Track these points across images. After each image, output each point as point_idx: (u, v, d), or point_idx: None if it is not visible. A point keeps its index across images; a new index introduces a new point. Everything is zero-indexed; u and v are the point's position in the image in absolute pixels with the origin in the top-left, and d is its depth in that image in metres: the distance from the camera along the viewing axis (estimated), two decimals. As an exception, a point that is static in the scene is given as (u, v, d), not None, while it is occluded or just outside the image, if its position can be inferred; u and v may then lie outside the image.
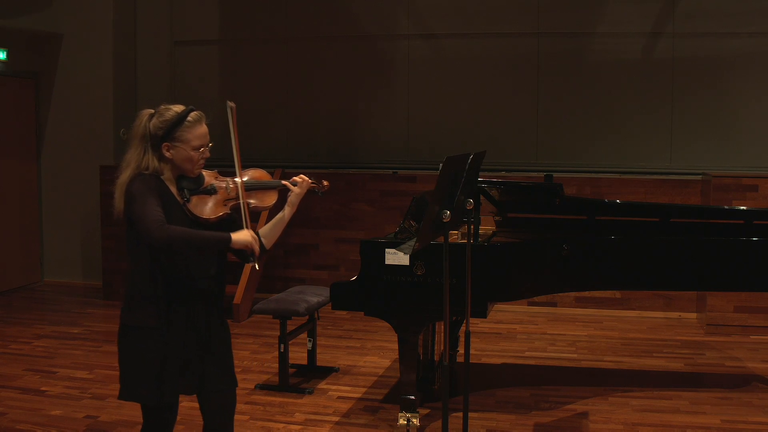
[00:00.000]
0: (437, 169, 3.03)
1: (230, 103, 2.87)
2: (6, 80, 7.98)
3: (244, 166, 2.92)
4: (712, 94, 7.18)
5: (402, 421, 4.04)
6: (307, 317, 5.19)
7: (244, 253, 2.78)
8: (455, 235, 4.56)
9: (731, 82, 7.13)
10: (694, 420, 4.42)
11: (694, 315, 6.90)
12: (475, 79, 7.67)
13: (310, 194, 3.09)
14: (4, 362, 5.59)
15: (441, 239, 3.29)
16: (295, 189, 2.99)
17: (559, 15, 7.46)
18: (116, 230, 7.59)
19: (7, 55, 7.86)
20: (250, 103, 8.09)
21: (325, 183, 3.11)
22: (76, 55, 8.21)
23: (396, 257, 4.02)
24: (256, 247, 2.77)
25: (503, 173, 7.20)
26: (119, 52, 8.28)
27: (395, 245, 3.99)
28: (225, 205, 2.84)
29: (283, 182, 2.99)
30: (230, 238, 2.72)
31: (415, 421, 4.04)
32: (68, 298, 7.83)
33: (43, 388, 5.01)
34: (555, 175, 6.40)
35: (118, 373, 2.85)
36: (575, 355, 5.81)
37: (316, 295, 5.26)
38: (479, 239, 4.45)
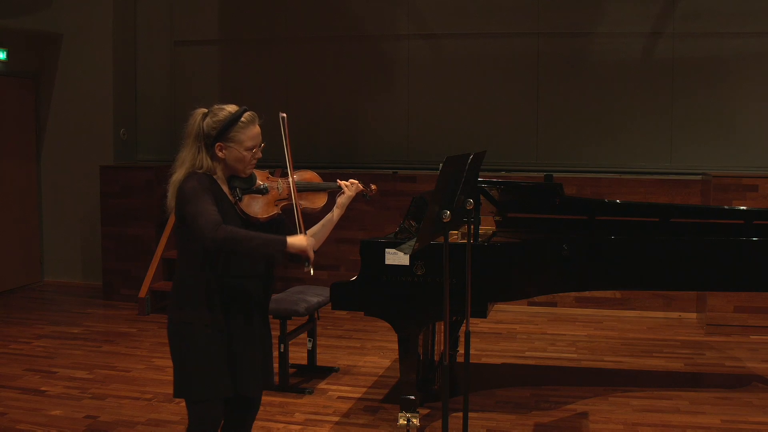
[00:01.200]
0: (437, 169, 3.03)
1: (282, 114, 2.94)
2: (6, 80, 7.98)
3: (298, 169, 2.96)
4: (712, 94, 7.18)
5: (402, 421, 4.04)
6: (307, 317, 5.19)
7: (299, 257, 2.78)
8: (455, 235, 4.56)
9: (731, 82, 7.13)
10: (694, 420, 4.42)
11: (694, 315, 6.90)
12: (475, 79, 7.68)
13: (359, 197, 3.13)
14: (4, 362, 5.59)
15: (441, 239, 3.29)
16: (346, 192, 3.05)
17: (559, 15, 7.46)
18: (116, 230, 7.61)
19: (7, 55, 7.87)
20: (250, 103, 8.08)
21: (373, 187, 3.18)
22: (76, 55, 8.21)
23: (396, 257, 4.02)
24: (311, 253, 2.77)
25: (503, 173, 7.20)
26: (119, 52, 8.28)
27: (395, 245, 3.99)
28: (276, 205, 2.87)
29: (335, 184, 3.04)
30: (286, 241, 2.71)
31: (415, 421, 4.04)
32: (68, 298, 7.83)
33: (43, 388, 5.01)
34: (555, 175, 6.41)
35: (118, 373, 2.86)
36: (575, 355, 5.81)
37: (316, 295, 5.26)
38: (479, 239, 4.45)
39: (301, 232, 2.81)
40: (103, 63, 8.17)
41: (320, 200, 3.00)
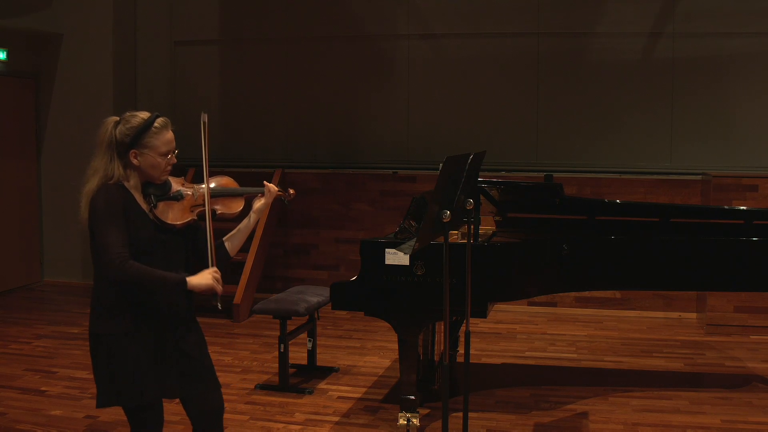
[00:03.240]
0: (437, 169, 3.03)
1: (203, 115, 2.88)
2: (6, 80, 7.97)
3: (217, 172, 2.94)
4: (711, 94, 7.18)
5: (402, 421, 4.04)
6: (307, 317, 5.19)
7: (206, 294, 2.78)
8: (455, 235, 4.56)
9: (731, 82, 7.13)
10: (694, 420, 4.42)
11: (694, 315, 6.90)
12: (475, 79, 7.68)
13: (277, 202, 3.11)
14: (4, 362, 5.59)
15: (441, 239, 3.29)
16: (261, 198, 3.01)
17: (559, 15, 7.46)
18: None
19: (7, 55, 7.87)
20: (250, 103, 8.10)
21: (291, 191, 3.15)
22: (76, 55, 8.21)
23: (396, 257, 4.02)
24: (219, 288, 2.76)
25: (503, 173, 7.20)
26: (119, 52, 8.28)
27: (395, 245, 3.99)
28: (192, 211, 2.85)
29: (251, 190, 3.00)
30: (185, 281, 2.72)
31: (415, 421, 4.04)
32: (68, 298, 7.82)
33: (43, 388, 5.01)
34: (555, 175, 6.40)
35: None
36: (575, 355, 5.81)
37: (316, 295, 5.26)
38: (479, 239, 4.45)
39: (211, 264, 2.78)
40: (103, 63, 8.17)
41: (236, 205, 2.96)
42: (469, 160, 3.38)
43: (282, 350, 4.95)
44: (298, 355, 5.59)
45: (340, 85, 8.03)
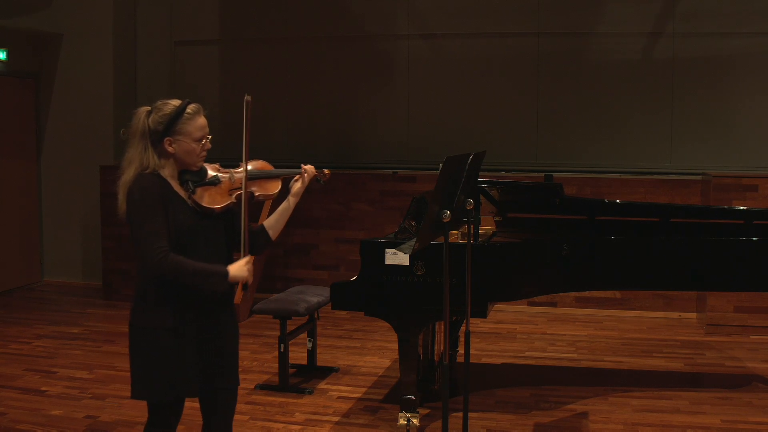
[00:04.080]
0: (437, 169, 3.03)
1: (247, 97, 2.89)
2: (6, 80, 7.97)
3: (249, 159, 2.95)
4: (712, 95, 7.18)
5: (402, 421, 4.04)
6: (307, 317, 5.19)
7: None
8: (455, 235, 4.56)
9: (731, 82, 7.13)
10: (694, 420, 4.42)
11: (694, 315, 6.90)
12: (475, 79, 7.68)
13: (312, 183, 3.12)
14: (4, 362, 5.59)
15: (441, 239, 3.29)
16: (298, 179, 3.02)
17: (559, 15, 7.46)
18: (116, 230, 7.61)
19: (7, 55, 7.86)
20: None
21: (326, 171, 3.15)
22: (76, 55, 8.21)
23: (396, 257, 4.02)
24: (250, 278, 2.80)
25: (503, 173, 7.20)
26: (119, 52, 8.28)
27: (395, 245, 4.00)
28: (230, 194, 2.86)
29: (288, 171, 3.01)
30: (227, 273, 2.74)
31: (415, 421, 4.04)
32: (68, 298, 7.83)
33: (43, 388, 5.01)
34: (555, 175, 6.40)
35: (118, 373, 2.87)
36: (575, 355, 5.81)
37: (316, 295, 5.26)
38: (479, 239, 4.45)
39: (244, 252, 2.80)
40: (103, 63, 8.17)
41: (273, 187, 2.97)
42: (469, 160, 3.38)
43: (282, 350, 4.95)
44: (298, 355, 5.59)
45: (340, 85, 8.03)
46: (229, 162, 3.01)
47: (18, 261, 8.19)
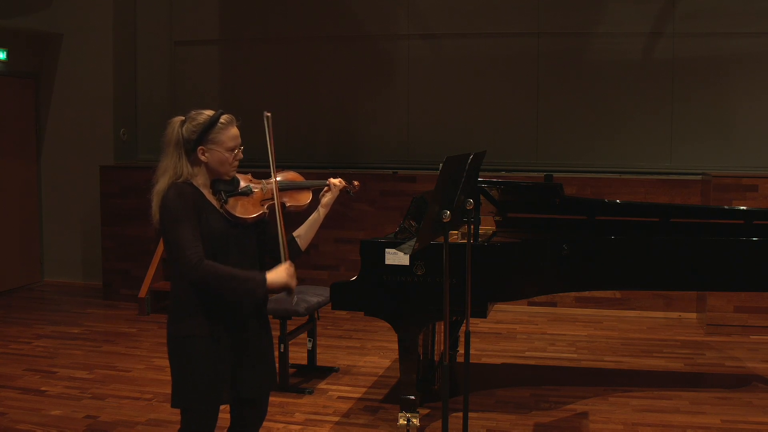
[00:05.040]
0: (437, 169, 3.03)
1: (267, 113, 2.97)
2: (6, 80, 7.98)
3: (280, 170, 2.99)
4: (712, 95, 7.18)
5: (402, 421, 4.04)
6: (307, 317, 5.19)
7: (281, 290, 2.79)
8: (455, 235, 4.56)
9: (731, 82, 7.13)
10: (694, 420, 4.42)
11: (694, 315, 6.90)
12: (475, 79, 7.68)
13: (342, 195, 3.15)
14: (4, 362, 5.59)
15: (441, 239, 3.29)
16: (331, 190, 3.07)
17: (559, 15, 7.46)
18: (116, 230, 7.62)
19: (7, 55, 7.86)
20: (250, 103, 8.09)
21: (356, 183, 3.21)
22: (76, 55, 8.21)
23: (396, 257, 4.02)
24: (293, 283, 2.79)
25: (503, 173, 7.20)
26: (119, 52, 8.28)
27: (395, 245, 3.99)
28: (262, 205, 2.88)
29: (319, 182, 3.05)
30: (265, 280, 2.73)
31: (415, 421, 4.04)
32: (68, 298, 7.83)
33: (43, 388, 5.01)
34: (555, 175, 6.40)
35: (118, 373, 2.87)
36: (575, 355, 5.81)
37: (316, 295, 5.26)
38: (479, 239, 4.45)
39: (285, 259, 2.80)
40: (103, 63, 8.17)
41: (305, 198, 3.01)
42: (469, 160, 3.38)
43: (282, 350, 4.95)
44: (298, 355, 5.59)
45: (340, 85, 8.03)
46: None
47: (18, 261, 8.19)
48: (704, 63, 7.17)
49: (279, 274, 2.76)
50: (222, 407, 2.86)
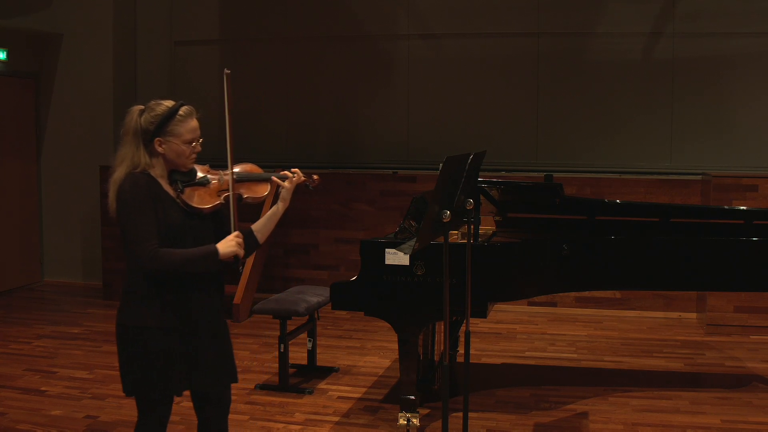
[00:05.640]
0: (437, 169, 3.03)
1: (226, 70, 2.89)
2: (6, 80, 7.98)
3: (239, 162, 2.98)
4: (712, 94, 7.18)
5: (402, 421, 4.04)
6: (307, 317, 5.19)
7: (229, 260, 2.81)
8: (455, 235, 4.56)
9: (731, 82, 7.13)
10: (694, 420, 4.42)
11: (694, 315, 6.90)
12: (475, 79, 7.68)
13: (301, 189, 3.11)
14: (4, 362, 5.59)
15: (441, 239, 3.29)
16: (285, 183, 3.01)
17: (559, 15, 7.46)
18: (116, 230, 7.55)
19: (7, 55, 7.87)
20: (250, 103, 8.10)
21: (315, 177, 3.14)
22: (76, 55, 8.21)
23: (396, 257, 4.02)
24: (241, 252, 2.80)
25: (503, 173, 7.20)
26: (119, 52, 8.28)
27: (395, 245, 3.99)
28: (219, 195, 2.88)
29: (273, 177, 3.01)
30: (217, 251, 2.75)
31: (415, 421, 4.04)
32: (68, 298, 7.83)
33: (43, 388, 5.01)
34: (555, 175, 6.40)
35: (118, 373, 2.86)
36: (575, 355, 5.81)
37: (316, 295, 5.26)
38: (479, 239, 4.45)
39: (234, 223, 2.82)
40: (103, 63, 8.17)
41: (262, 190, 2.98)
42: (469, 160, 3.38)
43: (282, 350, 4.95)
44: (298, 355, 5.59)
45: (340, 85, 8.03)
46: (236, 162, 3.01)
47: (18, 261, 8.19)
48: (704, 63, 7.17)
49: (228, 243, 2.78)
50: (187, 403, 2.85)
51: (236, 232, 2.82)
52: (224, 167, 2.95)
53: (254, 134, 7.99)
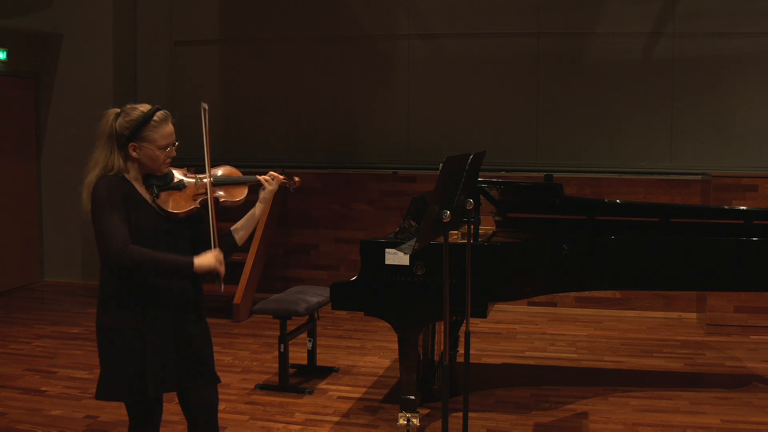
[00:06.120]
0: (437, 169, 3.03)
1: (204, 105, 2.89)
2: (6, 80, 7.98)
3: (218, 165, 2.97)
4: (712, 94, 7.18)
5: (402, 421, 4.04)
6: (307, 317, 5.19)
7: (210, 275, 2.80)
8: (455, 235, 4.56)
9: (731, 82, 7.13)
10: (694, 420, 4.42)
11: (694, 315, 6.90)
12: (475, 79, 7.68)
13: (282, 190, 3.11)
14: (4, 362, 5.59)
15: (441, 239, 3.29)
16: (267, 186, 3.00)
17: (559, 15, 7.46)
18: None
19: (7, 55, 7.86)
20: (250, 103, 8.10)
21: (297, 179, 3.14)
22: (76, 55, 8.21)
23: (396, 257, 4.02)
24: (222, 269, 2.78)
25: (503, 173, 7.20)
26: (119, 52, 8.28)
27: (395, 245, 3.99)
28: (194, 200, 2.86)
29: (255, 178, 3.01)
30: (192, 263, 2.73)
31: (415, 421, 4.04)
32: (68, 298, 7.83)
33: (43, 388, 5.01)
34: (555, 175, 6.39)
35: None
36: (575, 355, 5.81)
37: (316, 295, 5.26)
38: (479, 239, 4.45)
39: (214, 246, 2.80)
40: (103, 63, 8.17)
41: (239, 193, 2.97)
42: (469, 160, 3.38)
43: (282, 350, 4.95)
44: (298, 355, 5.59)
45: (340, 85, 8.03)
46: (229, 163, 3.01)
47: (18, 261, 8.19)
48: (704, 63, 7.17)
49: (207, 258, 2.76)
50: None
51: (217, 250, 2.79)
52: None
53: (254, 134, 7.99)
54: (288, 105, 8.11)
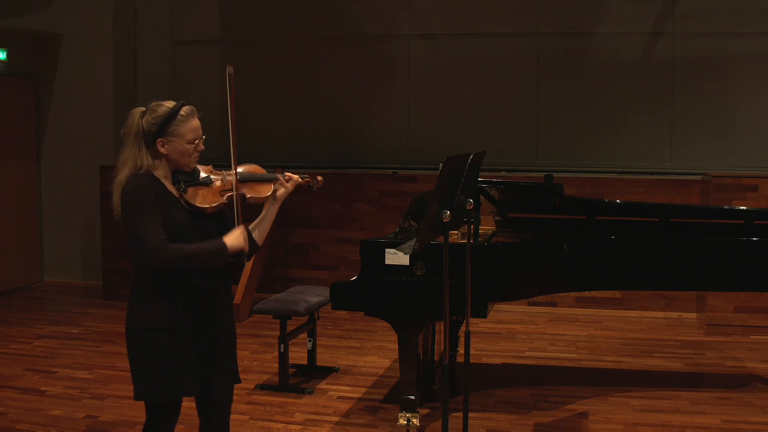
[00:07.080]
0: (437, 169, 3.03)
1: (229, 69, 2.92)
2: (6, 80, 7.98)
3: (241, 163, 2.97)
4: (712, 95, 7.18)
5: (402, 421, 4.04)
6: (307, 317, 5.19)
7: (238, 254, 2.82)
8: (455, 235, 4.56)
9: (731, 82, 7.13)
10: (694, 420, 4.42)
11: (694, 315, 6.90)
12: (475, 79, 7.68)
13: (306, 190, 3.12)
14: (4, 362, 5.59)
15: (441, 239, 3.28)
16: (285, 185, 3.00)
17: (559, 15, 7.46)
18: (116, 230, 7.59)
19: (7, 55, 7.86)
20: (250, 103, 8.10)
21: (320, 178, 3.13)
22: (76, 55, 8.21)
23: (396, 257, 4.02)
24: (246, 246, 2.82)
25: (503, 173, 7.20)
26: (119, 52, 8.28)
27: (395, 245, 3.99)
28: (221, 195, 2.88)
29: (278, 176, 3.02)
30: (226, 246, 2.75)
31: (415, 421, 4.04)
32: (68, 298, 7.83)
33: (43, 388, 5.01)
34: (555, 175, 6.38)
35: (118, 373, 2.87)
36: (575, 355, 5.81)
37: (316, 295, 5.26)
38: (479, 239, 4.45)
39: (238, 223, 2.82)
40: (103, 63, 8.17)
41: (264, 190, 2.99)
42: (469, 160, 3.38)
43: (282, 350, 4.95)
44: (298, 355, 5.59)
45: (340, 85, 8.02)
46: (229, 162, 3.00)
47: (18, 261, 8.19)
48: (704, 63, 7.17)
49: (236, 237, 2.78)
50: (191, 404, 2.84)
51: (242, 226, 2.82)
52: (227, 167, 2.95)
53: (254, 134, 7.99)
54: (288, 105, 8.10)
